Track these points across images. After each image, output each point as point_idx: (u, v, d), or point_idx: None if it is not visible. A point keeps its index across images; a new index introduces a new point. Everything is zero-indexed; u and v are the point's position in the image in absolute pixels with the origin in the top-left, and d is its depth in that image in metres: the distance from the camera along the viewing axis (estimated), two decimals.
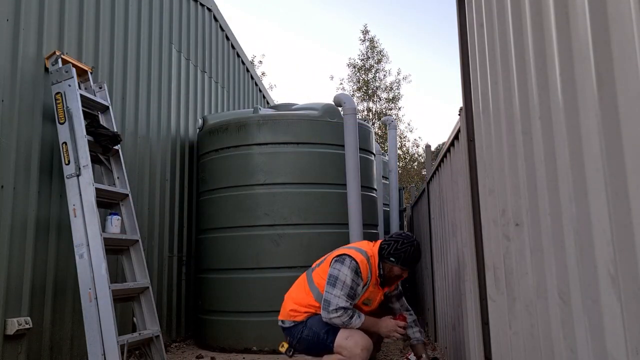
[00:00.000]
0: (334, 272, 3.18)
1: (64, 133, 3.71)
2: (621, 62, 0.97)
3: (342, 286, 3.12)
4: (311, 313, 3.27)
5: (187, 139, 6.10)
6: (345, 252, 3.27)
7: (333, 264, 3.24)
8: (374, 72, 24.36)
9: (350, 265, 3.16)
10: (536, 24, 1.44)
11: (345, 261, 3.19)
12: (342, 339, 3.12)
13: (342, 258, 3.22)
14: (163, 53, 5.61)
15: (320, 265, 3.40)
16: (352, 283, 3.14)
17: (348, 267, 3.16)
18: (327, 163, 5.17)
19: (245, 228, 5.09)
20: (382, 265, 3.27)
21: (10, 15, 3.49)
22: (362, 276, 3.19)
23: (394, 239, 3.27)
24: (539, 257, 1.52)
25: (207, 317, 5.29)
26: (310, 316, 3.26)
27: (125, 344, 3.48)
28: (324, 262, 3.38)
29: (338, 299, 3.10)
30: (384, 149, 12.55)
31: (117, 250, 4.05)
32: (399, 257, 3.20)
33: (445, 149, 3.51)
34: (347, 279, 3.13)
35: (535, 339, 1.60)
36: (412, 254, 3.22)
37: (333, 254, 3.36)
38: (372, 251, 3.31)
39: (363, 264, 3.20)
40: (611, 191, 1.02)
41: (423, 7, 44.46)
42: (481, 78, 2.11)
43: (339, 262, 3.22)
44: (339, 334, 3.13)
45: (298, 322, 3.29)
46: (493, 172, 2.01)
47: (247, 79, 8.82)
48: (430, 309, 5.21)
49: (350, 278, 3.13)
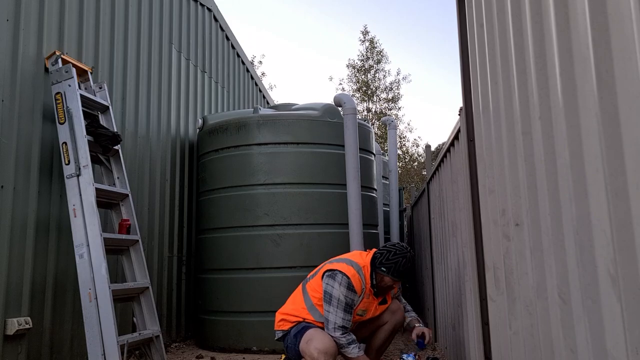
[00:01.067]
0: (328, 288, 3.16)
1: (64, 133, 3.71)
2: (621, 62, 0.97)
3: (337, 303, 3.11)
4: (299, 322, 3.26)
5: (187, 139, 6.10)
6: (335, 268, 3.22)
7: (325, 278, 3.21)
8: (374, 73, 24.37)
9: (342, 282, 3.14)
10: (536, 24, 1.44)
11: (337, 277, 3.16)
12: (303, 343, 3.09)
13: (333, 273, 3.19)
14: (163, 53, 5.61)
15: (314, 277, 3.37)
16: (347, 299, 3.13)
17: (340, 284, 3.13)
18: (327, 163, 5.17)
19: (245, 228, 5.09)
20: (375, 275, 3.24)
21: (10, 15, 3.49)
22: (355, 290, 3.17)
23: (387, 249, 3.25)
24: (539, 257, 1.52)
25: (207, 317, 5.29)
26: (294, 325, 3.25)
27: (125, 344, 3.48)
28: (317, 275, 3.35)
29: (335, 317, 3.10)
30: (384, 149, 12.55)
31: (117, 250, 4.05)
32: (390, 267, 3.17)
33: (445, 149, 3.51)
34: (340, 296, 3.11)
35: (535, 339, 1.60)
36: (403, 265, 3.18)
37: (325, 267, 3.33)
38: (364, 262, 3.28)
39: (355, 277, 3.17)
40: (611, 191, 1.02)
41: (423, 7, 44.47)
42: (481, 78, 2.11)
43: (330, 277, 3.19)
44: (302, 338, 3.11)
45: (285, 330, 3.28)
46: (493, 172, 2.01)
47: (247, 79, 8.82)
48: (430, 309, 5.21)
49: (344, 295, 3.12)
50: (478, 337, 2.43)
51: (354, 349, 3.09)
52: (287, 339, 3.25)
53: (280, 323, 3.34)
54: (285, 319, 3.31)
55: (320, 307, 3.22)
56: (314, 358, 2.99)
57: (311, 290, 3.30)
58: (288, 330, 3.26)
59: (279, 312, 3.41)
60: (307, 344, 3.05)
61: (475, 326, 2.48)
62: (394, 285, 3.25)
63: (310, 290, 3.30)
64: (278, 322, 3.36)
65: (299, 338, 3.13)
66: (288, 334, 3.25)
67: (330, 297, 3.13)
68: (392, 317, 3.47)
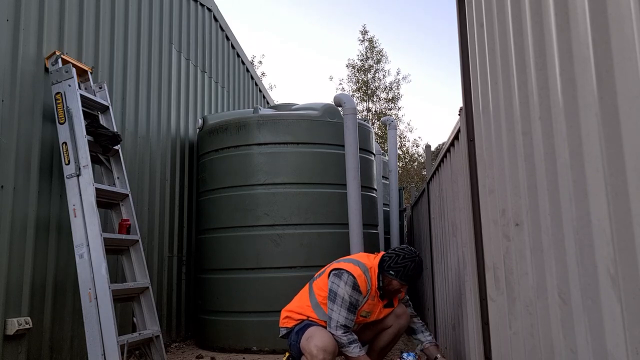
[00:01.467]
0: (333, 287, 3.17)
1: (64, 133, 3.71)
2: (621, 62, 0.97)
3: (342, 302, 3.11)
4: (303, 319, 3.26)
5: (187, 139, 6.10)
6: (342, 267, 3.23)
7: (331, 277, 3.22)
8: (374, 72, 24.36)
9: (347, 281, 3.14)
10: (536, 24, 1.44)
11: (343, 276, 3.17)
12: (304, 340, 3.09)
13: (339, 272, 3.20)
14: (163, 53, 5.61)
15: (320, 277, 3.38)
16: (351, 299, 3.13)
17: (345, 283, 3.13)
18: (327, 163, 5.17)
19: (245, 228, 5.09)
20: (382, 278, 3.24)
21: (10, 15, 3.49)
22: (361, 290, 3.17)
23: (395, 252, 3.25)
24: (539, 257, 1.52)
25: (207, 317, 5.29)
26: (298, 323, 3.26)
27: (125, 344, 3.48)
28: (324, 274, 3.36)
29: (339, 315, 3.10)
30: (384, 149, 12.55)
31: (117, 250, 4.05)
32: (399, 271, 3.17)
33: (445, 149, 3.51)
34: (345, 295, 3.12)
35: (535, 339, 1.60)
36: (412, 269, 3.18)
37: (331, 266, 3.34)
38: (372, 263, 3.28)
39: (361, 278, 3.18)
40: (611, 191, 1.02)
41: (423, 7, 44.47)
42: (481, 78, 2.11)
43: (336, 276, 3.19)
44: (303, 335, 3.11)
45: (289, 328, 3.29)
46: (493, 172, 2.01)
47: (247, 79, 8.82)
48: (430, 309, 5.21)
49: (349, 294, 3.12)
50: (478, 337, 2.43)
51: (355, 348, 3.09)
52: (291, 337, 3.26)
53: (284, 320, 3.35)
54: (290, 316, 3.32)
55: (324, 306, 3.22)
56: (313, 355, 2.99)
57: (317, 289, 3.30)
58: (292, 327, 3.27)
59: (284, 309, 3.42)
60: (307, 341, 3.06)
61: (475, 326, 2.48)
62: (401, 289, 3.25)
63: (317, 288, 3.31)
64: (282, 320, 3.37)
65: (301, 335, 3.14)
66: (291, 331, 3.26)
67: (335, 295, 3.13)
68: (397, 321, 3.46)
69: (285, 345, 4.79)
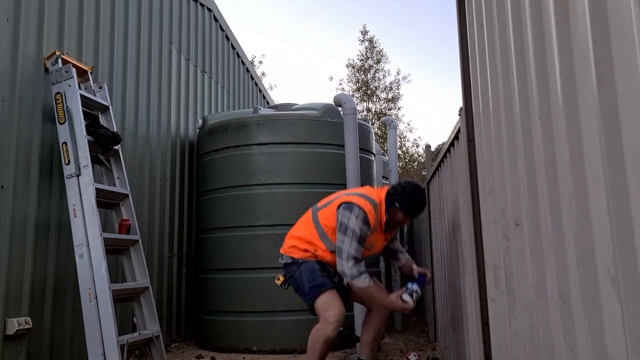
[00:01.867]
0: (344, 219, 3.20)
1: (64, 133, 3.71)
2: (621, 62, 0.97)
3: (352, 234, 3.16)
4: (309, 253, 3.30)
5: (187, 139, 6.10)
6: (353, 201, 3.27)
7: (341, 210, 3.25)
8: (373, 72, 24.35)
9: (358, 215, 3.19)
10: (536, 24, 1.44)
11: (354, 210, 3.20)
12: (320, 305, 3.16)
13: (350, 206, 3.23)
14: (163, 53, 5.61)
15: (327, 207, 3.40)
16: (361, 232, 3.18)
17: (357, 217, 3.19)
18: (327, 163, 5.17)
19: (245, 228, 5.09)
20: (388, 211, 3.31)
21: (10, 15, 3.49)
22: (370, 224, 3.23)
23: (402, 186, 3.32)
24: (539, 257, 1.52)
25: (207, 317, 5.29)
26: (306, 260, 3.30)
27: (125, 344, 3.48)
28: (330, 205, 3.38)
29: (349, 247, 3.15)
30: (384, 149, 12.56)
31: (117, 250, 4.05)
32: (404, 203, 3.25)
33: (445, 149, 3.51)
34: (356, 228, 3.17)
35: (535, 339, 1.60)
36: (418, 202, 3.30)
37: (340, 199, 3.36)
38: (380, 198, 3.33)
39: (371, 213, 3.23)
40: (611, 191, 1.02)
41: (423, 7, 44.47)
42: (481, 78, 2.12)
43: (347, 209, 3.23)
44: (318, 299, 3.17)
45: (295, 259, 3.33)
46: (493, 172, 2.01)
47: (247, 79, 8.82)
48: (430, 309, 5.21)
49: (359, 227, 3.17)
50: (478, 337, 2.43)
51: (365, 278, 3.15)
52: (293, 269, 3.31)
53: (290, 249, 3.37)
54: (296, 245, 3.35)
55: (331, 236, 3.28)
56: (329, 323, 3.10)
57: (323, 219, 3.35)
58: (297, 260, 3.32)
59: (290, 235, 3.47)
60: (323, 308, 3.14)
61: (475, 326, 2.48)
62: (404, 220, 3.35)
63: (323, 219, 3.35)
64: (288, 248, 3.39)
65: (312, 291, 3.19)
66: (295, 262, 3.31)
67: (345, 228, 3.18)
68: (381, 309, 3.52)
69: (284, 345, 4.80)
